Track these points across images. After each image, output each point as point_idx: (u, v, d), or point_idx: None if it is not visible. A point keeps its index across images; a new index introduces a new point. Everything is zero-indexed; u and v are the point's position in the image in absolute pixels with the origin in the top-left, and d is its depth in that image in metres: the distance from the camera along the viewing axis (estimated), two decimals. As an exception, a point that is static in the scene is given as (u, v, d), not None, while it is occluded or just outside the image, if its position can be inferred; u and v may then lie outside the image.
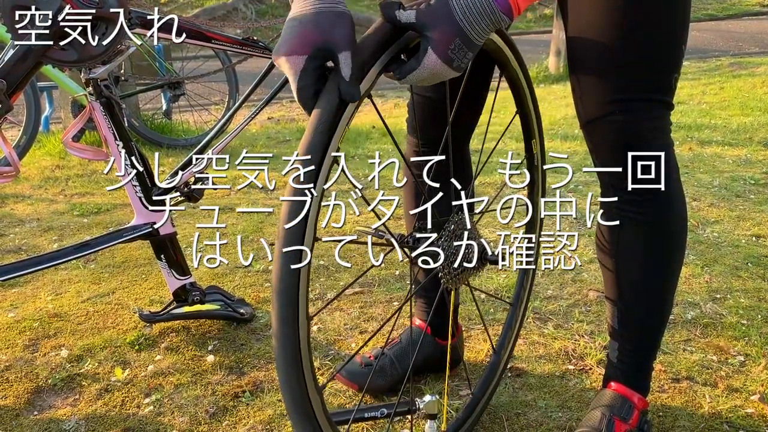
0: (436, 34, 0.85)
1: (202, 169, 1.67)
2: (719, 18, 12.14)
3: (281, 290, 0.84)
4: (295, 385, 0.86)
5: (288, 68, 0.86)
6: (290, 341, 0.85)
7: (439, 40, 0.85)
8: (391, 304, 1.84)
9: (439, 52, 0.85)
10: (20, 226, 2.55)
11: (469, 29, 0.85)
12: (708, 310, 1.76)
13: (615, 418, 1.18)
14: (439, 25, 0.85)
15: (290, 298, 0.86)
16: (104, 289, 1.97)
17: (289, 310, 0.85)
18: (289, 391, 0.86)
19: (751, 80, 5.97)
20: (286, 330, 0.86)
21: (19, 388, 1.47)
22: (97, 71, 1.47)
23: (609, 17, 1.04)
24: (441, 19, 0.85)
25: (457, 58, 0.86)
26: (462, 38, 0.85)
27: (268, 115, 5.62)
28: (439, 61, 0.86)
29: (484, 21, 0.85)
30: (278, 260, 0.83)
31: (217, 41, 1.61)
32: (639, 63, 1.05)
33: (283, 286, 0.84)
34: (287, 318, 0.86)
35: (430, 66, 0.86)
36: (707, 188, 2.81)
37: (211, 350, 1.61)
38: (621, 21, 1.03)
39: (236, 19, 10.33)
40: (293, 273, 0.83)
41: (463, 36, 0.85)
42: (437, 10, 0.85)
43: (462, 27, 0.85)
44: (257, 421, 1.34)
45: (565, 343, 1.61)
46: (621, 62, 1.05)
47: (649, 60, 1.05)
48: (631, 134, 1.07)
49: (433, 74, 0.88)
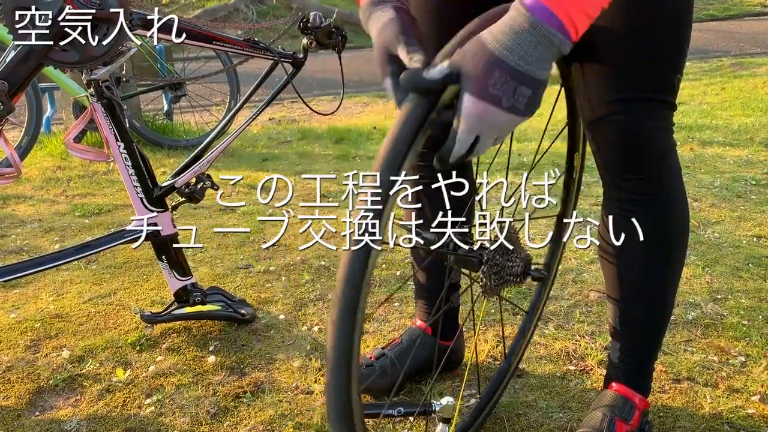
0: (469, 73, 0.73)
1: (203, 170, 1.68)
2: (720, 18, 12.13)
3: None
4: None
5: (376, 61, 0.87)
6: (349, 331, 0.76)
7: (473, 77, 0.72)
8: (392, 305, 1.84)
9: (476, 90, 0.72)
10: (22, 227, 2.55)
11: (509, 56, 0.72)
12: (709, 310, 1.76)
13: (616, 419, 1.18)
14: (473, 62, 0.73)
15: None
16: (105, 289, 1.97)
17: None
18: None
19: (752, 81, 5.96)
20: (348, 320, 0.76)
21: (21, 389, 1.47)
22: (99, 72, 1.48)
23: (611, 17, 1.04)
24: (474, 55, 0.73)
25: (506, 94, 0.72)
26: (503, 69, 0.71)
27: (269, 116, 5.62)
28: (481, 102, 0.72)
29: (532, 45, 0.72)
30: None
31: (218, 42, 1.61)
32: (641, 63, 1.05)
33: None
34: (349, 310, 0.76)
35: (471, 111, 0.73)
36: (708, 189, 2.81)
37: (212, 351, 1.61)
38: (623, 20, 1.03)
39: (237, 20, 10.33)
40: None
41: (504, 66, 0.71)
42: (469, 48, 0.74)
43: (499, 55, 0.72)
44: (258, 421, 1.34)
45: (566, 344, 1.61)
46: (623, 62, 1.05)
47: (651, 60, 1.04)
48: (634, 134, 1.07)
49: (482, 122, 0.74)
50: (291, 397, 1.43)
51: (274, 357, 1.59)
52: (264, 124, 5.19)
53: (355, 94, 6.74)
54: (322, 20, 1.66)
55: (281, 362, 1.56)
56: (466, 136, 0.76)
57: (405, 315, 1.78)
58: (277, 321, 1.76)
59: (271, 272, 2.07)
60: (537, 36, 0.72)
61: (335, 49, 1.69)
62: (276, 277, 2.03)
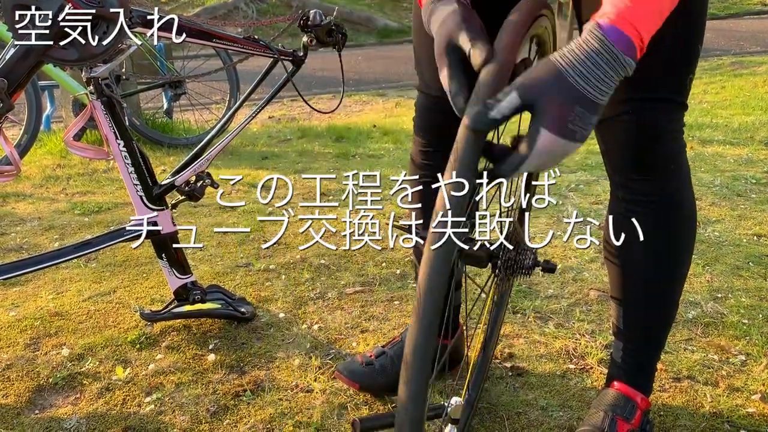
0: (548, 108, 0.69)
1: (203, 168, 1.67)
2: (721, 17, 12.12)
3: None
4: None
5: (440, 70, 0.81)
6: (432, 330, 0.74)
7: (553, 114, 0.69)
8: (392, 303, 1.84)
9: (556, 129, 0.70)
10: (21, 225, 2.55)
11: (590, 91, 0.69)
12: (709, 309, 1.76)
13: (617, 418, 1.18)
14: (552, 96, 0.69)
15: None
16: (105, 287, 1.97)
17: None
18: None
19: (752, 79, 5.96)
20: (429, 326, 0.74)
21: (21, 387, 1.47)
22: (98, 70, 1.47)
23: None
24: (552, 88, 0.70)
25: (580, 129, 0.70)
26: (583, 104, 0.69)
27: (269, 114, 5.62)
28: (558, 138, 0.70)
29: (606, 74, 0.70)
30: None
31: (218, 40, 1.61)
32: (653, 62, 1.03)
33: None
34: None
35: (547, 148, 0.70)
36: (708, 187, 2.81)
37: (212, 349, 1.61)
38: None
39: (237, 18, 10.33)
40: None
41: (585, 101, 0.69)
42: (544, 78, 0.70)
43: (581, 90, 0.69)
44: (258, 420, 1.34)
45: (566, 343, 1.61)
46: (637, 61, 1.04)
47: (664, 59, 1.03)
48: (643, 134, 1.06)
49: (551, 157, 0.72)
50: (291, 395, 1.43)
51: (274, 355, 1.58)
52: (264, 123, 5.18)
53: (355, 93, 6.73)
54: (322, 18, 1.65)
55: (281, 360, 1.56)
56: (530, 169, 0.73)
57: (405, 313, 1.78)
58: (277, 319, 1.76)
59: (271, 270, 2.07)
60: (613, 63, 0.70)
61: (335, 47, 1.69)
62: (276, 276, 2.03)
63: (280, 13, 10.48)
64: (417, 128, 1.36)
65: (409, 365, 0.72)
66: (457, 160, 0.73)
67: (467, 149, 0.73)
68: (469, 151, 0.72)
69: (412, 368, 0.72)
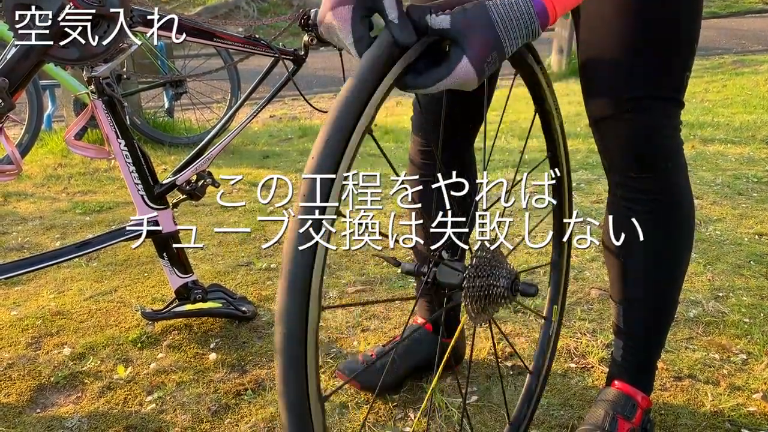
0: (474, 44, 0.78)
1: (204, 167, 1.67)
2: (722, 15, 12.10)
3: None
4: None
5: (337, 24, 0.81)
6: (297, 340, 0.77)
7: (477, 51, 0.78)
8: (392, 303, 1.84)
9: (476, 64, 0.78)
10: (23, 224, 2.55)
11: (507, 44, 0.79)
12: (710, 308, 1.76)
13: (618, 417, 1.18)
14: (479, 35, 0.78)
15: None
16: (106, 287, 1.97)
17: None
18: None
19: (754, 78, 5.95)
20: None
21: (22, 386, 1.47)
22: (99, 69, 1.47)
23: (623, 14, 1.03)
24: (481, 29, 0.78)
25: (488, 70, 0.80)
26: (499, 51, 0.79)
27: (270, 114, 5.62)
28: (473, 71, 0.79)
29: (521, 32, 0.80)
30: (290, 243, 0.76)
31: (219, 39, 1.60)
32: (651, 61, 1.04)
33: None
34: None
35: (462, 75, 0.79)
36: (710, 186, 2.81)
37: (213, 348, 1.61)
38: (635, 18, 1.02)
39: (238, 17, 10.33)
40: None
41: (500, 49, 0.79)
42: (476, 18, 0.78)
43: (501, 39, 0.79)
44: (259, 419, 1.34)
45: (567, 341, 1.61)
46: (633, 60, 1.04)
47: (662, 58, 1.03)
48: (642, 133, 1.07)
49: (460, 84, 0.80)
50: (292, 394, 1.42)
51: (274, 354, 1.58)
52: (265, 122, 5.18)
53: (356, 92, 6.71)
54: (323, 17, 1.65)
55: (282, 360, 1.56)
56: (443, 88, 0.80)
57: (406, 312, 1.78)
58: (278, 318, 1.76)
59: (272, 269, 2.07)
60: (528, 25, 0.79)
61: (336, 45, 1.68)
62: (277, 275, 2.03)
63: (281, 12, 10.47)
64: (415, 127, 1.36)
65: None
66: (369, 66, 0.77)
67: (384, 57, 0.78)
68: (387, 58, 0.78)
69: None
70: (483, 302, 0.95)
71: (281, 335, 0.75)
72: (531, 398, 1.25)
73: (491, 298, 0.96)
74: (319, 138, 0.76)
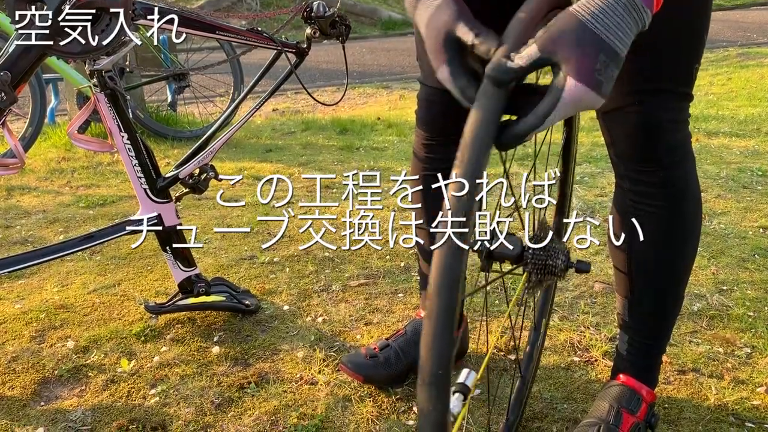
0: (572, 57, 0.68)
1: (207, 161, 1.67)
2: (727, 8, 12.04)
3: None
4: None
5: (444, 80, 0.77)
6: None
7: (578, 64, 0.68)
8: (396, 296, 1.84)
9: (583, 77, 0.68)
10: (26, 218, 2.56)
11: (612, 39, 0.68)
12: (714, 301, 1.75)
13: (623, 410, 1.18)
14: (574, 45, 0.68)
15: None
16: (110, 280, 1.97)
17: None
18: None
19: (759, 71, 5.92)
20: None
21: (26, 379, 1.48)
22: (102, 63, 1.47)
23: None
24: (574, 37, 0.68)
25: (605, 80, 0.68)
26: (607, 53, 0.68)
27: (272, 107, 5.61)
28: (585, 88, 0.68)
29: (626, 23, 0.69)
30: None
31: (221, 32, 1.60)
32: (660, 53, 1.03)
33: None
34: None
35: (575, 97, 0.68)
36: (714, 179, 2.80)
37: (216, 341, 1.61)
38: None
39: (241, 10, 10.31)
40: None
41: (608, 50, 0.68)
42: (564, 28, 0.69)
43: (604, 39, 0.68)
44: (262, 412, 1.35)
45: (571, 335, 1.61)
46: (641, 52, 1.03)
47: (670, 50, 1.02)
48: (650, 125, 1.06)
49: (577, 108, 0.70)
50: (295, 387, 1.43)
51: (278, 348, 1.59)
52: (268, 115, 5.18)
53: (359, 85, 6.72)
54: (325, 10, 1.65)
55: (285, 353, 1.56)
56: (556, 119, 0.71)
57: (409, 306, 1.78)
58: (281, 312, 1.76)
59: (275, 263, 2.07)
60: (632, 11, 0.69)
61: (339, 39, 1.68)
62: (280, 268, 2.03)
63: (283, 4, 10.45)
64: (420, 121, 1.35)
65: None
66: (480, 110, 0.70)
67: (489, 100, 0.70)
68: (493, 103, 0.70)
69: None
70: (542, 274, 0.98)
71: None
72: (521, 401, 1.28)
73: (550, 270, 0.98)
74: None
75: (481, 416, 1.33)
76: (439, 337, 0.66)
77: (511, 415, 1.25)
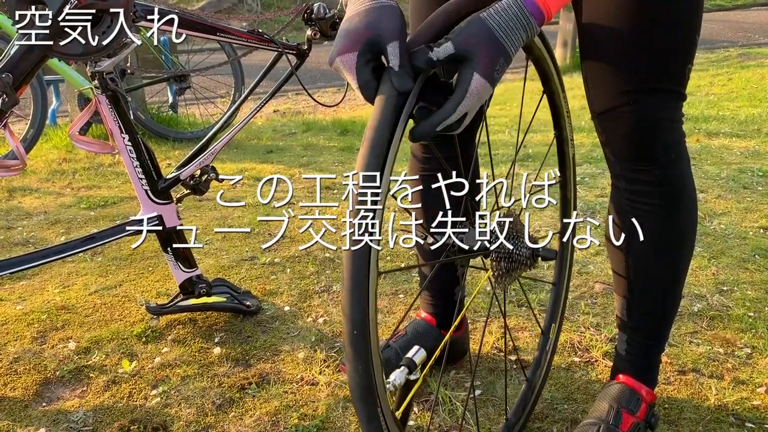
0: (481, 56, 0.81)
1: (208, 162, 1.68)
2: (728, 8, 12.04)
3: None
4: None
5: (343, 68, 0.84)
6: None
7: (486, 62, 0.81)
8: (396, 296, 1.84)
9: (486, 75, 0.81)
10: (28, 219, 2.56)
11: (509, 45, 0.82)
12: (715, 302, 1.76)
13: (623, 410, 1.18)
14: (484, 47, 0.81)
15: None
16: (111, 281, 1.98)
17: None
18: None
19: (759, 71, 5.92)
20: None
21: (28, 380, 1.48)
22: (103, 64, 1.47)
23: (624, 6, 1.03)
24: (483, 41, 0.81)
25: (498, 76, 0.83)
26: (505, 56, 0.82)
27: (273, 108, 5.62)
28: (486, 83, 0.81)
29: (519, 33, 0.83)
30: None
31: (222, 34, 1.60)
32: (654, 53, 1.04)
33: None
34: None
35: (478, 90, 0.81)
36: (714, 180, 2.80)
37: (217, 342, 1.62)
38: (637, 10, 1.02)
39: (242, 12, 10.31)
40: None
41: (506, 54, 0.82)
42: (475, 32, 0.81)
43: (504, 45, 0.82)
44: (263, 412, 1.35)
45: (571, 335, 1.61)
46: (635, 52, 1.04)
47: (663, 50, 1.03)
48: (644, 125, 1.07)
49: (479, 99, 0.83)
50: (296, 388, 1.43)
51: (279, 348, 1.59)
52: (268, 116, 5.18)
53: (360, 86, 6.70)
54: (326, 11, 1.65)
55: (286, 353, 1.57)
56: (464, 110, 0.82)
57: (412, 307, 1.78)
58: (282, 312, 1.77)
59: (276, 264, 2.07)
60: (525, 26, 0.83)
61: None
62: (281, 269, 2.03)
63: (284, 6, 10.46)
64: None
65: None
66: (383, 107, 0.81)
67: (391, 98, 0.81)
68: (398, 100, 0.81)
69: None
70: (507, 264, 1.03)
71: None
72: (525, 405, 1.28)
73: (515, 261, 1.03)
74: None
75: (481, 416, 1.33)
76: (351, 302, 0.80)
77: (513, 416, 1.25)
